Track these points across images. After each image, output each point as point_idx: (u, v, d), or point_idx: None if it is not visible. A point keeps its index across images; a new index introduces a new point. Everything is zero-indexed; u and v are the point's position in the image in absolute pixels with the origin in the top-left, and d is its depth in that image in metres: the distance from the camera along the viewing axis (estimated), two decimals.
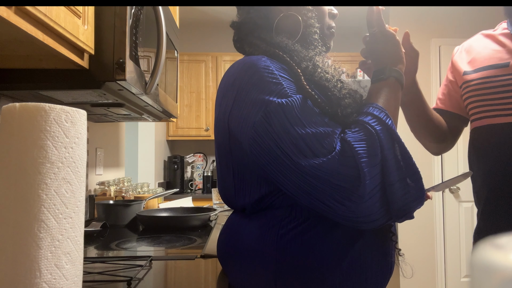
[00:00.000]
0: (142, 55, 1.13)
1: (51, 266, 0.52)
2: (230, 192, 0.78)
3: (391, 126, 0.67)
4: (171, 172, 3.68)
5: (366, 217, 0.64)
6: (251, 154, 0.69)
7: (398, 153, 0.66)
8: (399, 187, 0.65)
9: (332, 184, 0.62)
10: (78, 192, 0.56)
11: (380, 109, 0.70)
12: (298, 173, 0.64)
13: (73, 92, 1.08)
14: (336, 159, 0.63)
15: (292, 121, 0.65)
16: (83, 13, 0.89)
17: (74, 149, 0.56)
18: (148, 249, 1.15)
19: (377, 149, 0.64)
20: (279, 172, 0.66)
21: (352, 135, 0.66)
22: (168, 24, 1.47)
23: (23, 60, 0.95)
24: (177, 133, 3.74)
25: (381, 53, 0.79)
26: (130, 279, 0.76)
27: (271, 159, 0.66)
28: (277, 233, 0.69)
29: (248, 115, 0.68)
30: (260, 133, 0.66)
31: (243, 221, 0.76)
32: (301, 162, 0.63)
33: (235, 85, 0.72)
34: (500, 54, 1.06)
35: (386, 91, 0.74)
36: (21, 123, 0.53)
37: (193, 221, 1.49)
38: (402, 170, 0.65)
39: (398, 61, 0.78)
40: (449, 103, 1.22)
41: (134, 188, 1.94)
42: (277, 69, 0.70)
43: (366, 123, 0.67)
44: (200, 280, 0.85)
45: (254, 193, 0.73)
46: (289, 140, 0.64)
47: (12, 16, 0.66)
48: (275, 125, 0.65)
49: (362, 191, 0.62)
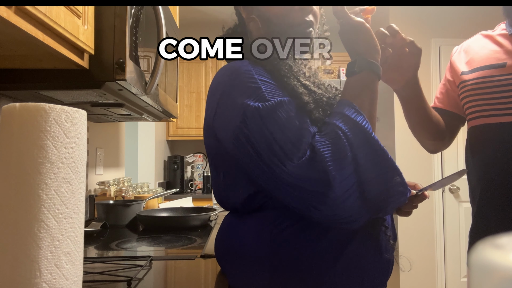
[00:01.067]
0: (142, 55, 1.13)
1: (51, 266, 0.52)
2: (221, 193, 0.79)
3: (361, 123, 0.66)
4: (171, 172, 3.68)
5: (346, 218, 0.64)
6: (234, 157, 0.70)
7: (372, 150, 0.65)
8: (376, 183, 0.64)
9: (305, 190, 0.63)
10: (78, 192, 0.56)
11: (350, 106, 0.69)
12: (274, 179, 0.65)
13: (73, 92, 1.08)
14: (306, 164, 0.63)
15: (268, 125, 0.65)
16: (83, 13, 0.89)
17: (74, 149, 0.56)
18: (148, 249, 1.15)
19: (346, 150, 0.64)
20: (258, 176, 0.67)
21: (319, 139, 0.65)
22: (168, 24, 1.47)
23: (23, 60, 0.95)
24: (177, 133, 3.73)
25: (353, 44, 0.75)
26: (130, 279, 0.76)
27: (250, 163, 0.67)
28: (271, 233, 0.70)
29: (229, 119, 0.69)
30: (239, 137, 0.67)
31: (238, 221, 0.76)
32: (276, 169, 0.64)
33: (218, 89, 0.73)
34: (497, 54, 1.07)
35: (359, 85, 0.72)
36: (21, 123, 0.53)
37: (193, 221, 1.49)
38: (378, 166, 0.65)
39: (372, 50, 0.74)
40: (447, 102, 1.22)
41: (134, 188, 1.94)
42: (258, 73, 0.71)
43: (333, 124, 0.66)
44: (200, 280, 0.85)
45: (243, 193, 0.74)
46: (265, 144, 0.64)
47: (12, 16, 0.66)
48: (252, 129, 0.65)
49: (334, 194, 0.62)
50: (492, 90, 1.04)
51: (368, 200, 0.64)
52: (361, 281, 0.69)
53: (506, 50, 1.06)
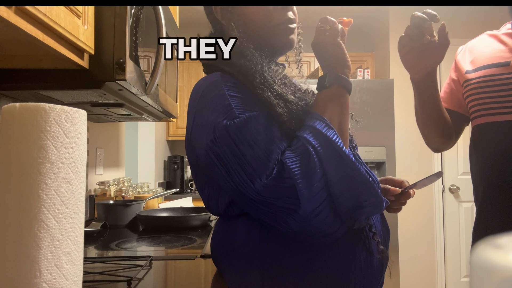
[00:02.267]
0: (142, 55, 1.13)
1: (51, 266, 0.52)
2: (205, 201, 0.80)
3: (332, 138, 0.65)
4: (171, 172, 3.68)
5: (320, 232, 0.65)
6: (208, 173, 0.71)
7: (342, 164, 0.64)
8: (348, 198, 0.64)
9: (275, 207, 0.63)
10: (78, 192, 0.56)
11: (321, 120, 0.68)
12: (243, 196, 0.65)
13: (73, 92, 1.08)
14: (275, 181, 0.63)
15: (237, 142, 0.65)
16: (83, 13, 0.89)
17: (74, 149, 0.56)
18: (148, 249, 1.15)
19: (315, 165, 0.63)
20: (228, 192, 0.68)
21: (289, 154, 0.65)
22: (168, 24, 1.47)
23: (23, 60, 0.95)
24: (177, 133, 3.73)
25: (324, 58, 0.74)
26: (130, 279, 0.76)
27: (222, 180, 0.68)
28: (260, 234, 0.70)
29: (202, 136, 0.70)
30: (211, 155, 0.67)
31: (228, 223, 0.77)
32: (245, 186, 0.64)
33: (193, 106, 0.74)
34: (502, 53, 1.06)
35: (329, 99, 0.71)
36: (21, 123, 0.53)
37: (193, 221, 1.49)
38: (349, 181, 0.64)
39: (343, 65, 0.73)
40: (451, 101, 1.22)
41: (134, 188, 1.94)
42: (228, 88, 0.70)
43: (304, 139, 0.66)
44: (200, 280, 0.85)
45: (223, 202, 0.75)
46: (235, 162, 0.65)
47: (12, 16, 0.66)
48: (222, 147, 0.66)
49: (302, 211, 0.62)
50: (496, 88, 1.04)
51: (342, 214, 0.65)
52: (352, 282, 0.69)
53: (510, 49, 1.06)
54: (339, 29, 0.74)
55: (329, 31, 0.74)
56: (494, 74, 1.05)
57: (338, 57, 0.73)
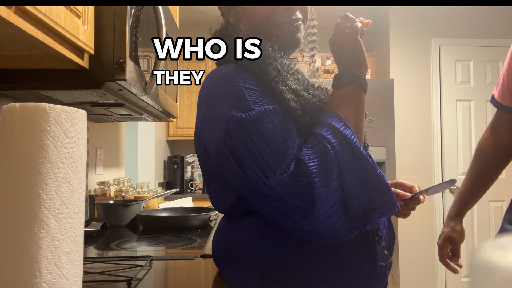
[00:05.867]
0: (142, 55, 1.13)
1: (51, 266, 0.52)
2: (211, 198, 0.80)
3: (350, 137, 0.64)
4: (171, 172, 3.68)
5: (331, 234, 0.62)
6: (218, 167, 0.70)
7: (360, 165, 0.62)
8: (361, 200, 0.62)
9: (288, 204, 0.61)
10: (78, 192, 0.56)
11: (338, 118, 0.66)
12: (256, 192, 0.63)
13: (73, 92, 1.08)
14: (290, 179, 0.61)
15: (252, 136, 0.63)
16: (83, 13, 0.89)
17: (74, 149, 0.56)
18: (148, 249, 1.15)
19: (333, 164, 0.61)
20: (240, 188, 0.66)
21: (306, 151, 0.63)
22: (168, 24, 1.47)
23: (23, 60, 0.95)
24: (177, 133, 3.73)
25: (342, 56, 0.73)
26: (130, 279, 0.76)
27: (233, 175, 0.66)
28: (262, 235, 0.69)
29: (214, 129, 0.68)
30: (223, 148, 0.66)
31: (231, 223, 0.76)
32: (259, 181, 0.62)
33: (205, 98, 0.73)
34: None
35: (347, 98, 0.70)
36: (21, 123, 0.53)
37: (193, 221, 1.49)
38: (365, 183, 0.62)
39: (360, 64, 0.72)
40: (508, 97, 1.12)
41: (134, 188, 1.94)
42: (243, 80, 0.69)
43: (322, 136, 0.64)
44: (200, 280, 0.85)
45: (230, 199, 0.74)
46: (249, 156, 0.63)
47: (12, 16, 0.66)
48: (236, 140, 0.64)
49: (317, 211, 0.60)
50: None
51: (353, 216, 0.62)
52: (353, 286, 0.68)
53: None
54: (359, 27, 0.72)
55: (349, 29, 0.72)
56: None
57: (356, 56, 0.72)
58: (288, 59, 0.80)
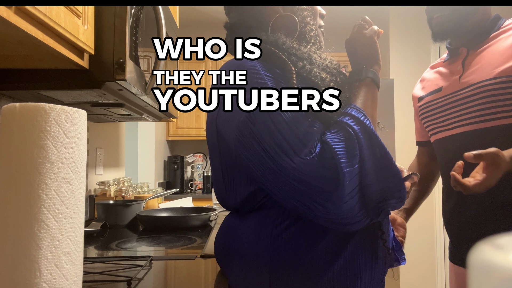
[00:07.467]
0: (142, 55, 1.13)
1: (51, 266, 0.52)
2: (222, 192, 0.79)
3: (369, 127, 0.67)
4: (171, 172, 3.68)
5: (348, 219, 0.64)
6: (236, 153, 0.70)
7: (377, 154, 0.65)
8: (377, 189, 0.64)
9: (312, 186, 0.62)
10: (78, 192, 0.56)
11: (358, 109, 0.69)
12: (279, 174, 0.64)
13: (73, 92, 1.08)
14: (315, 160, 0.62)
15: (275, 120, 0.64)
16: (83, 13, 0.89)
17: (74, 149, 0.56)
18: (148, 249, 1.15)
19: (356, 150, 0.64)
20: (261, 172, 0.66)
21: (331, 136, 0.65)
22: (168, 24, 1.47)
23: (23, 60, 0.95)
24: (177, 133, 3.74)
25: (358, 54, 0.79)
26: (130, 279, 0.76)
27: (254, 159, 0.66)
28: (271, 234, 0.69)
29: (233, 115, 0.68)
30: (244, 133, 0.66)
31: (238, 221, 0.76)
32: (283, 163, 0.63)
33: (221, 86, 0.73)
34: (437, 81, 1.22)
35: (363, 92, 0.75)
36: (21, 123, 0.53)
37: (193, 221, 1.49)
38: (381, 172, 0.64)
39: (374, 62, 0.79)
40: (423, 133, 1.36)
41: (134, 188, 1.94)
42: (263, 69, 0.70)
43: (345, 123, 0.66)
44: (200, 280, 0.85)
45: (243, 192, 0.74)
46: (272, 140, 0.64)
47: (12, 16, 0.66)
48: (259, 124, 0.65)
49: (341, 192, 0.61)
50: (434, 112, 1.20)
51: (366, 204, 0.64)
52: (358, 281, 0.69)
53: (442, 75, 1.20)
54: (376, 30, 0.81)
55: (367, 29, 0.80)
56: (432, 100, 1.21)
57: (372, 54, 0.79)
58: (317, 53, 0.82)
